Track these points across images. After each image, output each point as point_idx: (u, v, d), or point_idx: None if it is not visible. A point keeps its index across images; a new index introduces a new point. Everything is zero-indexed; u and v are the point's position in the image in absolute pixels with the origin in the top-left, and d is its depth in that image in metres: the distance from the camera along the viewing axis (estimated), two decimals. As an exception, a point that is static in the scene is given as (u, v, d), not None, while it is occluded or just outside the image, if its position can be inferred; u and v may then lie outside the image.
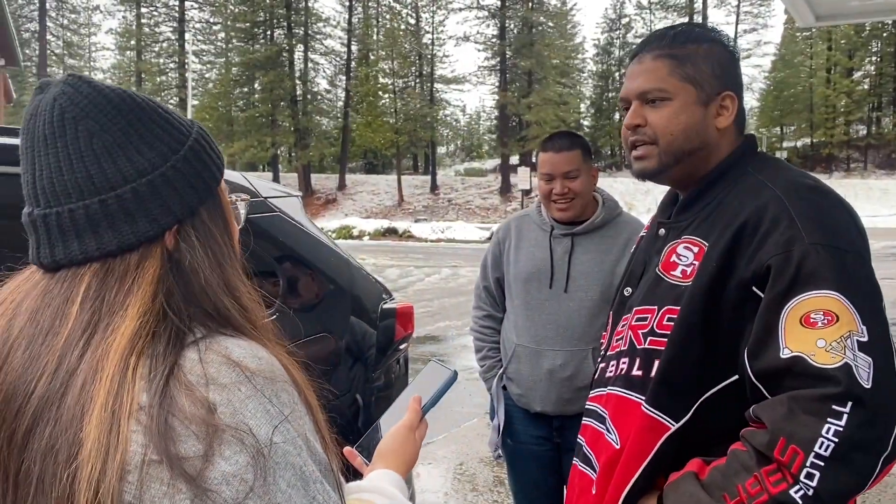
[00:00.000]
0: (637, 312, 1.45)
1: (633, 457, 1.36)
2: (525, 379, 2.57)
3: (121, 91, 0.84)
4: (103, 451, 0.71)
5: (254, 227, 2.25)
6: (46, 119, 0.81)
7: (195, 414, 0.72)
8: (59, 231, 0.81)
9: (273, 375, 0.78)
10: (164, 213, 0.82)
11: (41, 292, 0.82)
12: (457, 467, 4.84)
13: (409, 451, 1.13)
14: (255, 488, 0.71)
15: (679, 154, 1.43)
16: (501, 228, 2.77)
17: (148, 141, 0.83)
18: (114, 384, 0.73)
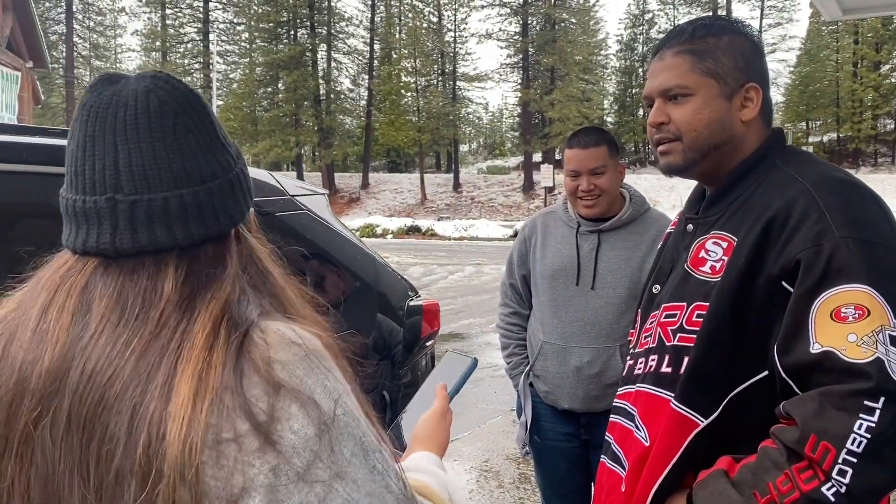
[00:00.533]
0: (666, 309, 1.45)
1: (661, 454, 1.35)
2: (552, 376, 2.56)
3: (202, 96, 0.91)
4: (187, 420, 0.73)
5: (281, 225, 2.27)
6: (140, 108, 0.83)
7: (263, 390, 0.76)
8: (147, 217, 0.82)
9: (324, 354, 0.82)
10: (236, 210, 0.88)
11: (115, 277, 0.82)
12: (482, 464, 4.84)
13: (442, 436, 1.16)
14: (324, 458, 0.75)
15: (704, 149, 1.42)
16: (528, 225, 2.77)
17: (225, 143, 0.90)
18: (198, 366, 0.76)
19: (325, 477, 0.75)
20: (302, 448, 0.75)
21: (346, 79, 49.27)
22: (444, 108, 44.27)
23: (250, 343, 0.79)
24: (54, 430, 0.79)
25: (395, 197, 42.54)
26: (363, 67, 48.16)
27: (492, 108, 79.36)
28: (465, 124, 50.11)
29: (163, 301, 0.81)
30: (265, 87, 44.76)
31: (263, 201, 2.26)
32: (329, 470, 0.75)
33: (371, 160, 48.17)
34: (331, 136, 43.20)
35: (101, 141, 0.84)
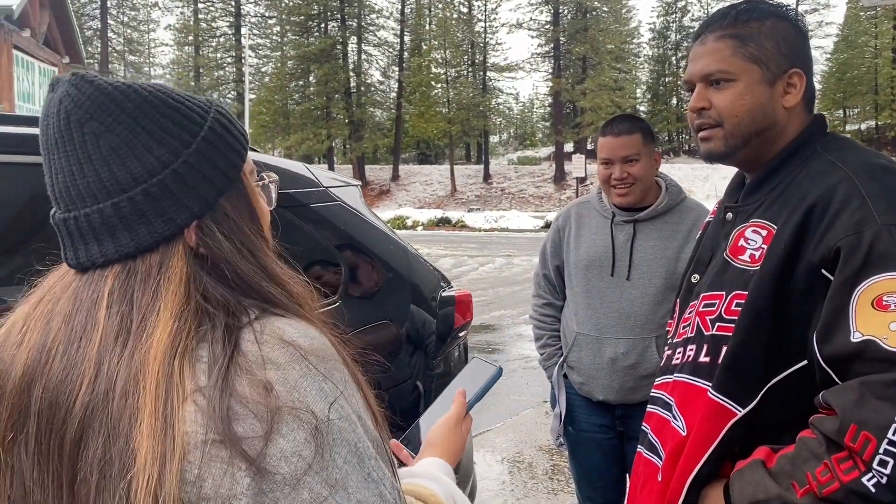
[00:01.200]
0: (704, 298, 1.43)
1: (698, 444, 1.34)
2: (586, 367, 2.55)
3: (124, 87, 0.81)
4: (159, 457, 0.71)
5: (315, 216, 2.29)
6: (54, 122, 0.80)
7: (254, 394, 0.72)
8: (80, 234, 0.80)
9: (325, 354, 0.78)
10: (179, 211, 0.80)
11: (72, 294, 0.81)
12: (515, 455, 4.85)
13: (455, 442, 1.14)
14: (314, 464, 0.72)
15: (746, 135, 1.40)
16: (561, 215, 2.75)
17: (157, 137, 0.80)
18: (160, 390, 0.73)
19: (314, 484, 0.72)
20: (291, 454, 0.71)
21: (377, 71, 49.41)
22: (475, 98, 44.14)
23: (241, 348, 0.75)
24: (27, 449, 0.78)
25: (425, 189, 42.58)
26: (393, 59, 48.22)
27: (522, 98, 78.87)
28: (495, 115, 49.94)
29: (100, 324, 0.77)
30: (296, 80, 45.04)
31: (298, 193, 2.28)
32: (318, 476, 0.72)
33: (401, 152, 48.26)
34: (361, 129, 43.36)
35: (45, 156, 0.82)
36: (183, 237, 0.81)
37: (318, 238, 2.29)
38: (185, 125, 0.82)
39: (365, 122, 44.29)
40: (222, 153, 0.84)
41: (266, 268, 0.84)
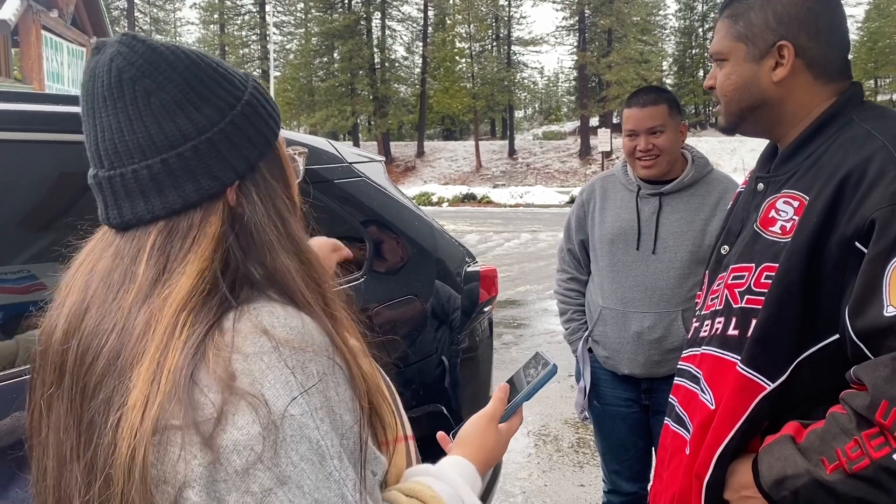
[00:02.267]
0: (734, 271, 1.41)
1: (726, 417, 1.33)
2: (612, 341, 2.54)
3: (175, 48, 0.83)
4: (144, 401, 0.72)
5: (339, 192, 2.29)
6: (104, 80, 0.81)
7: (216, 380, 0.72)
8: (125, 191, 0.81)
9: (302, 345, 0.76)
10: (224, 170, 0.82)
11: (113, 252, 0.83)
12: (540, 429, 4.87)
13: (489, 442, 1.05)
14: (264, 459, 0.71)
15: (739, 112, 1.44)
16: (586, 189, 2.73)
17: (205, 97, 0.82)
18: (164, 338, 0.74)
19: (265, 479, 0.71)
20: (243, 447, 0.71)
21: (401, 46, 49.19)
22: (499, 73, 43.80)
23: (220, 327, 0.76)
24: (63, 399, 0.82)
25: (450, 165, 42.46)
26: (417, 34, 47.91)
27: (547, 72, 78.12)
28: (520, 90, 49.59)
29: (138, 277, 0.79)
30: (321, 57, 45.00)
31: (322, 169, 2.28)
32: (269, 472, 0.71)
33: (426, 128, 48.12)
34: (386, 105, 43.27)
35: (90, 115, 0.83)
36: (225, 196, 0.83)
37: (343, 214, 2.30)
38: (229, 89, 0.84)
39: (389, 98, 44.17)
40: (263, 118, 0.87)
41: (292, 236, 0.85)
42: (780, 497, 1.22)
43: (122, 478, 0.72)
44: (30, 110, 1.76)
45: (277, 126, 0.90)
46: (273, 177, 0.87)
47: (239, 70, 0.90)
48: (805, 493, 1.19)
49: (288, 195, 0.89)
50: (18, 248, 1.79)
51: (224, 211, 0.82)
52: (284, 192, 0.88)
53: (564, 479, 4.08)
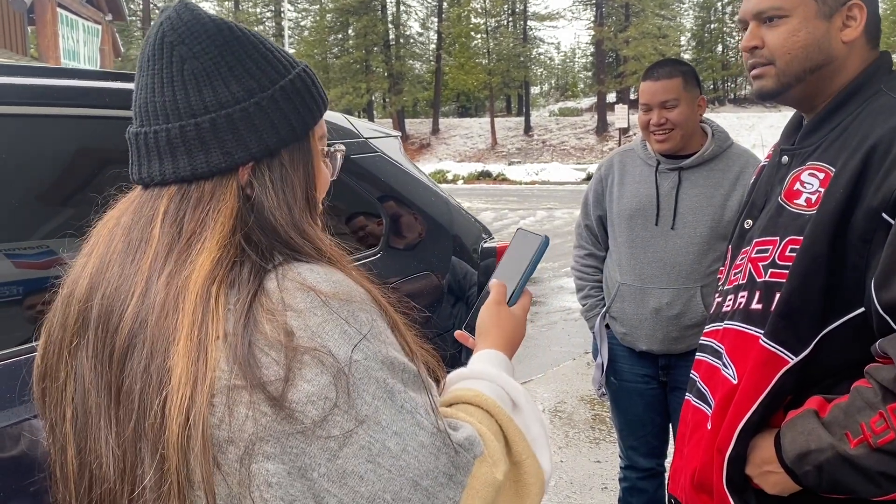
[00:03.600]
0: (757, 244, 1.39)
1: (749, 392, 1.31)
2: (630, 318, 2.53)
3: (221, 22, 0.85)
4: (192, 379, 0.74)
5: (355, 168, 2.28)
6: (151, 41, 0.85)
7: (276, 339, 0.74)
8: (146, 150, 0.85)
9: (349, 297, 0.79)
10: (238, 148, 0.83)
11: (134, 209, 0.86)
12: (556, 405, 4.87)
13: (507, 325, 1.06)
14: (340, 403, 0.74)
15: (800, 73, 1.35)
16: (604, 164, 2.70)
17: (237, 74, 0.83)
18: (197, 313, 0.76)
19: (344, 422, 0.74)
20: (317, 397, 0.73)
21: (416, 22, 48.82)
22: (515, 49, 43.39)
23: (264, 290, 0.77)
24: (87, 352, 0.84)
25: (465, 142, 42.25)
26: (432, 10, 47.47)
27: (564, 47, 77.34)
28: (536, 65, 49.02)
29: (153, 241, 0.81)
30: (335, 33, 44.73)
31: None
32: (347, 415, 0.74)
33: (441, 105, 47.82)
34: (401, 82, 43.05)
35: (138, 73, 0.87)
36: (237, 174, 0.84)
37: (359, 190, 2.29)
38: (267, 71, 0.85)
39: (404, 74, 43.92)
40: (296, 107, 0.87)
41: (297, 225, 0.86)
42: (803, 472, 1.21)
43: (177, 457, 0.74)
44: (46, 84, 1.75)
45: (313, 119, 0.90)
46: (294, 165, 0.87)
47: (291, 56, 0.91)
48: (829, 468, 1.18)
49: (307, 189, 0.89)
50: (38, 223, 1.79)
51: (238, 189, 0.84)
52: (303, 184, 0.88)
53: (580, 455, 4.08)
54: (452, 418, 0.86)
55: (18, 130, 1.70)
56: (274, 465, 0.73)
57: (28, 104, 1.69)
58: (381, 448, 0.74)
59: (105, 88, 1.83)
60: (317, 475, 0.73)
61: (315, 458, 0.73)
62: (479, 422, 0.87)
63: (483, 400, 0.90)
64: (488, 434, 0.86)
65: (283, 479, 0.74)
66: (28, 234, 1.76)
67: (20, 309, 1.69)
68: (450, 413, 0.88)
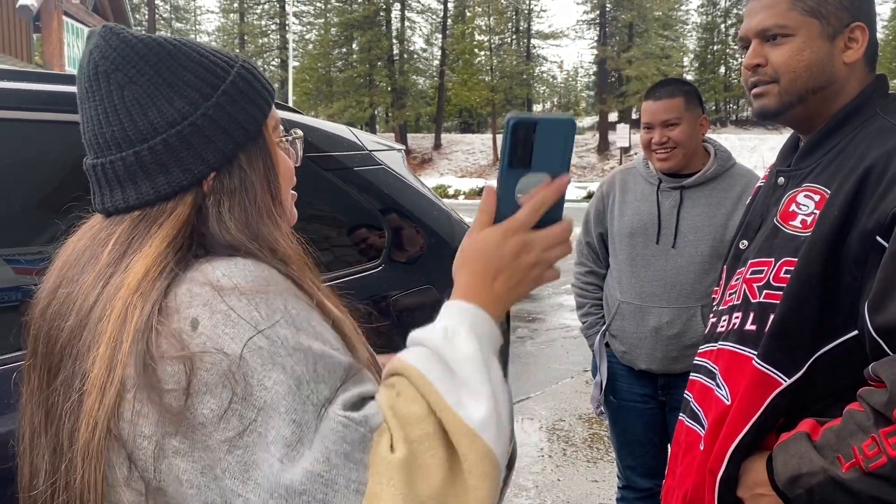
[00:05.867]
0: (752, 265, 1.39)
1: (742, 413, 1.31)
2: (629, 336, 2.53)
3: (149, 40, 0.83)
4: (101, 384, 0.75)
5: (359, 180, 2.28)
6: (85, 72, 0.84)
7: (173, 340, 0.74)
8: (106, 181, 0.84)
9: (262, 288, 0.77)
10: (196, 163, 0.83)
11: (90, 236, 0.86)
12: (554, 423, 4.85)
13: (474, 258, 0.84)
14: (238, 393, 0.72)
15: (802, 93, 1.35)
16: (605, 182, 2.71)
17: (177, 89, 0.82)
18: (119, 320, 0.76)
19: (243, 411, 0.72)
20: (215, 387, 0.72)
21: (420, 38, 49.33)
22: (518, 66, 43.64)
23: (171, 291, 0.77)
24: (35, 372, 0.86)
25: (467, 158, 42.34)
26: (436, 26, 47.74)
27: (567, 66, 77.78)
28: (538, 83, 49.39)
29: (101, 260, 0.82)
30: (339, 47, 44.99)
31: (342, 156, 2.28)
32: (245, 403, 0.72)
33: (443, 121, 47.96)
34: (404, 97, 43.22)
35: (79, 104, 0.86)
36: (200, 186, 0.84)
37: (362, 202, 2.29)
38: (206, 78, 0.84)
39: (407, 90, 44.11)
40: (242, 107, 0.85)
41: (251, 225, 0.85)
42: (795, 495, 1.21)
43: (81, 461, 0.75)
44: (48, 90, 1.76)
45: (262, 114, 0.88)
46: (252, 165, 0.86)
47: (228, 54, 0.89)
48: (820, 491, 1.17)
49: (268, 182, 0.88)
50: (37, 229, 1.79)
51: (196, 199, 0.84)
52: (263, 181, 0.87)
53: (578, 474, 4.06)
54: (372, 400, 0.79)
55: (21, 135, 1.70)
56: (185, 461, 0.73)
57: (32, 110, 1.70)
58: (275, 436, 0.71)
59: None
60: (223, 467, 0.72)
61: (218, 451, 0.72)
62: (397, 394, 0.77)
63: (400, 366, 0.79)
64: (401, 402, 0.76)
65: (193, 476, 0.73)
66: (29, 240, 1.76)
67: (19, 315, 1.68)
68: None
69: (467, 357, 0.77)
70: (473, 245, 0.84)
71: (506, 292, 0.84)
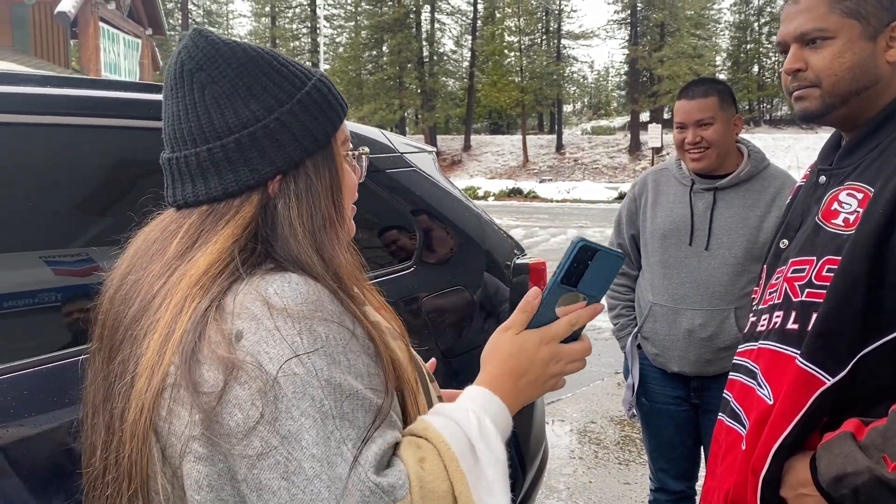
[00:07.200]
0: (793, 264, 1.38)
1: (784, 412, 1.29)
2: (662, 338, 2.50)
3: (234, 45, 0.88)
4: (150, 368, 0.79)
5: (390, 182, 2.29)
6: (172, 70, 0.89)
7: (218, 343, 0.77)
8: (179, 175, 0.89)
9: (309, 311, 0.78)
10: (264, 164, 0.86)
11: (161, 228, 0.91)
12: (586, 426, 4.83)
13: (502, 354, 0.90)
14: (266, 415, 0.74)
15: (846, 95, 1.33)
16: (637, 183, 2.69)
17: (255, 93, 0.87)
18: (175, 310, 0.80)
19: (266, 434, 0.74)
20: (244, 402, 0.75)
21: (450, 40, 49.14)
22: (548, 67, 43.42)
23: (224, 299, 0.80)
24: (99, 356, 0.91)
25: (496, 159, 42.27)
26: (466, 28, 47.76)
27: (597, 66, 77.32)
28: (569, 84, 49.00)
29: (168, 251, 0.86)
30: (370, 50, 45.18)
31: (373, 158, 2.29)
32: (270, 427, 0.74)
33: (473, 122, 47.94)
34: (433, 99, 43.28)
35: (163, 102, 0.92)
36: (265, 187, 0.88)
37: (393, 203, 2.30)
38: (283, 86, 0.88)
39: (437, 91, 44.16)
40: (315, 117, 0.89)
41: (316, 236, 0.87)
42: (840, 495, 1.19)
43: (129, 440, 0.80)
44: (89, 95, 1.79)
45: (333, 126, 0.92)
46: (318, 175, 0.89)
47: (306, 67, 0.93)
48: (865, 491, 1.15)
49: (331, 195, 0.90)
50: (78, 231, 1.83)
51: (261, 200, 0.87)
52: (328, 191, 0.90)
53: (609, 476, 4.03)
54: (396, 456, 0.80)
55: (62, 140, 1.74)
56: (205, 466, 0.77)
57: (71, 115, 1.73)
58: (296, 467, 0.73)
59: (146, 100, 1.87)
60: (240, 478, 0.76)
61: (238, 463, 0.75)
62: (421, 459, 0.79)
63: (430, 433, 0.82)
64: (429, 476, 0.78)
65: (213, 481, 0.77)
66: (69, 242, 1.80)
67: (59, 315, 1.72)
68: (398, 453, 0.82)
69: (498, 460, 0.83)
70: (511, 342, 0.91)
71: (525, 392, 0.91)
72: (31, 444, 1.46)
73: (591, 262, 0.90)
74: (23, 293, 1.70)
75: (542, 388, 0.92)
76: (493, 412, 0.87)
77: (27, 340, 1.69)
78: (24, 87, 1.73)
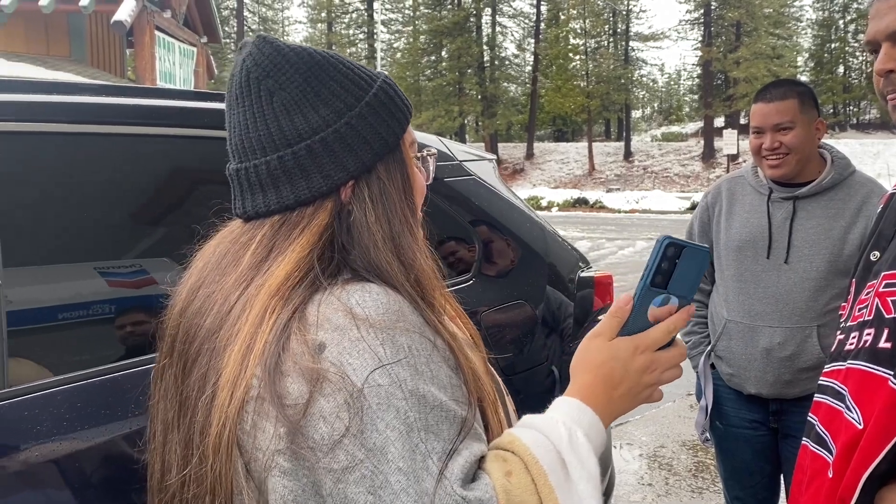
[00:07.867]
0: (886, 278, 1.26)
1: (876, 438, 1.18)
2: (737, 358, 2.36)
3: (300, 49, 0.87)
4: (232, 381, 0.77)
5: (448, 191, 2.23)
6: (236, 80, 0.88)
7: (302, 354, 0.75)
8: (248, 185, 0.87)
9: (391, 322, 0.78)
10: (337, 170, 0.85)
11: (231, 239, 0.89)
12: (656, 450, 4.65)
13: (593, 363, 0.86)
14: (351, 428, 0.73)
15: None
16: (711, 192, 2.55)
17: (324, 98, 0.85)
18: (256, 321, 0.79)
19: (352, 447, 0.72)
20: (329, 414, 0.73)
21: (511, 44, 49.00)
22: (616, 71, 42.82)
23: (305, 309, 0.79)
24: (172, 370, 0.90)
25: (560, 167, 41.90)
26: (529, 31, 47.52)
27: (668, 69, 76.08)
28: (638, 88, 48.23)
29: (242, 263, 0.84)
30: (428, 55, 45.33)
31: (431, 167, 2.23)
32: (356, 440, 0.72)
33: (536, 129, 47.70)
34: (494, 105, 43.17)
35: (228, 111, 0.90)
36: (338, 194, 0.86)
37: (452, 213, 2.24)
38: (350, 90, 0.87)
39: (498, 97, 44.07)
40: (384, 119, 0.88)
41: (395, 239, 0.86)
42: None
43: (212, 454, 0.78)
44: (144, 105, 1.78)
45: (401, 127, 0.91)
46: (390, 178, 0.88)
47: (369, 70, 0.92)
48: None
49: (404, 197, 0.89)
50: (131, 242, 1.82)
51: (335, 206, 0.86)
52: (400, 194, 0.89)
53: None
54: (482, 469, 0.78)
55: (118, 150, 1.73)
56: (290, 481, 0.75)
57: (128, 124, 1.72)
58: (383, 481, 0.72)
59: (202, 109, 1.85)
60: (325, 493, 0.74)
61: (323, 477, 0.73)
62: (507, 473, 0.77)
63: (517, 446, 0.79)
64: (516, 489, 0.76)
65: (298, 496, 0.75)
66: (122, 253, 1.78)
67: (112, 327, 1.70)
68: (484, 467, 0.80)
69: (591, 476, 0.79)
70: (603, 350, 0.87)
71: (620, 404, 0.87)
72: (85, 457, 1.45)
73: (678, 260, 0.87)
74: (76, 304, 1.69)
75: (636, 399, 0.88)
76: (585, 424, 0.83)
77: (82, 353, 1.68)
78: (81, 97, 1.72)
